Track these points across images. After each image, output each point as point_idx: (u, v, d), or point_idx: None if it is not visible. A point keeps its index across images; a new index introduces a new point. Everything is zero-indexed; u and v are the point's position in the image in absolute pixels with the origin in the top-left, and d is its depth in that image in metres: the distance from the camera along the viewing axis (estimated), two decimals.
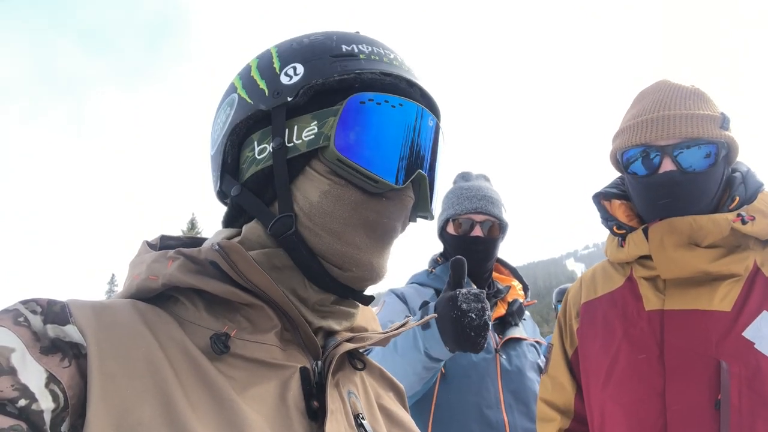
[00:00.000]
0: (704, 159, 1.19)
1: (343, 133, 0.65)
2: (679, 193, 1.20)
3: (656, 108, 1.24)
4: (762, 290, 1.14)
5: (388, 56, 0.73)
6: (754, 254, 1.18)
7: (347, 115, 0.66)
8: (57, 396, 0.49)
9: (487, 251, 1.96)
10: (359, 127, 0.66)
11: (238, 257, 0.61)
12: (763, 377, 1.06)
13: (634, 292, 1.31)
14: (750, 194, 1.21)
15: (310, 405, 0.62)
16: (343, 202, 0.66)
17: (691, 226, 1.18)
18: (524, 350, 1.90)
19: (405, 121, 0.69)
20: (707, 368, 1.11)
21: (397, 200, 0.69)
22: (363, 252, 0.68)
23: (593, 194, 1.44)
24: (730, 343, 1.11)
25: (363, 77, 0.69)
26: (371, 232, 0.68)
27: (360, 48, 0.72)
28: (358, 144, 0.65)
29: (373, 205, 0.67)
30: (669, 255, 1.19)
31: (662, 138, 1.20)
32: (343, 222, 0.66)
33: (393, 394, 0.83)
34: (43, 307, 0.54)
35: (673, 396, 1.13)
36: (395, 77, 0.71)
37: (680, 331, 1.17)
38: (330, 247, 0.67)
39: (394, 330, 0.77)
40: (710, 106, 1.23)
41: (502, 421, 1.73)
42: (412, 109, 0.70)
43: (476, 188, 2.01)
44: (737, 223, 1.15)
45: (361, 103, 0.66)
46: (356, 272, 0.68)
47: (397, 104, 0.68)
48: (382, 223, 0.68)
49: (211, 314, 0.64)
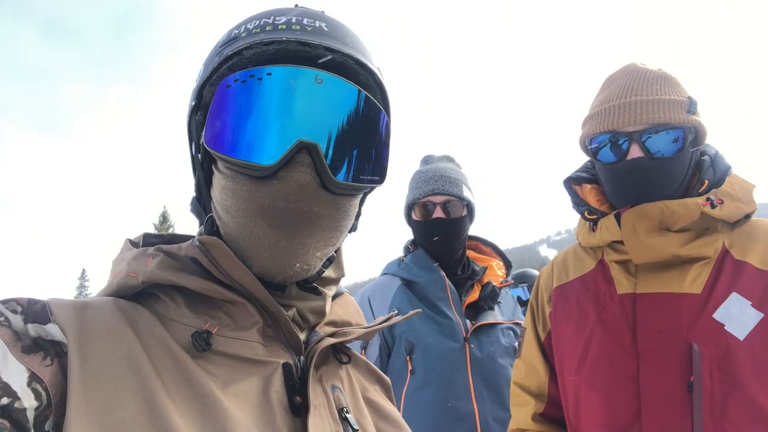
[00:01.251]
0: (672, 144, 1.19)
1: (211, 125, 0.62)
2: (647, 179, 1.20)
3: (623, 94, 1.23)
4: (730, 272, 1.15)
5: (275, 22, 0.65)
6: (722, 236, 1.20)
7: (215, 104, 0.62)
8: (39, 394, 0.49)
9: (452, 232, 1.92)
10: (224, 113, 0.62)
11: (219, 253, 0.61)
12: (733, 358, 1.08)
13: (606, 275, 1.31)
14: (718, 177, 1.22)
15: (293, 400, 0.61)
16: (238, 194, 0.63)
17: (663, 211, 1.18)
18: (497, 336, 1.87)
19: (274, 90, 0.61)
20: (679, 351, 1.12)
21: (288, 179, 0.61)
22: (265, 245, 0.63)
23: (564, 179, 1.44)
24: (701, 325, 1.12)
25: (245, 55, 0.63)
26: (270, 219, 0.62)
27: (246, 27, 0.66)
28: (223, 131, 0.61)
29: (266, 190, 0.61)
30: (641, 241, 1.19)
31: (629, 124, 1.19)
32: (242, 215, 0.63)
33: (379, 387, 0.83)
34: (24, 307, 0.54)
35: (647, 379, 1.14)
36: (279, 42, 0.63)
37: (652, 314, 1.18)
38: (237, 244, 0.65)
39: (378, 324, 0.77)
40: (677, 90, 1.23)
41: (472, 411, 1.71)
42: (284, 73, 0.61)
43: (434, 170, 1.97)
44: (707, 207, 1.16)
45: (227, 87, 0.62)
46: (259, 268, 0.64)
47: (264, 75, 0.61)
48: (279, 207, 0.61)
49: (192, 311, 0.63)
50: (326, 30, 0.66)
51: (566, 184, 1.42)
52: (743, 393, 1.06)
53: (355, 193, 0.69)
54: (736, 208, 1.18)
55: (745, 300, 1.11)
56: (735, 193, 1.19)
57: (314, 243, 0.65)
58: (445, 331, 1.81)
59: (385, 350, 1.84)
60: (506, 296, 2.06)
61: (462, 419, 1.70)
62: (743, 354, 1.07)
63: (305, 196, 0.62)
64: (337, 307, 0.82)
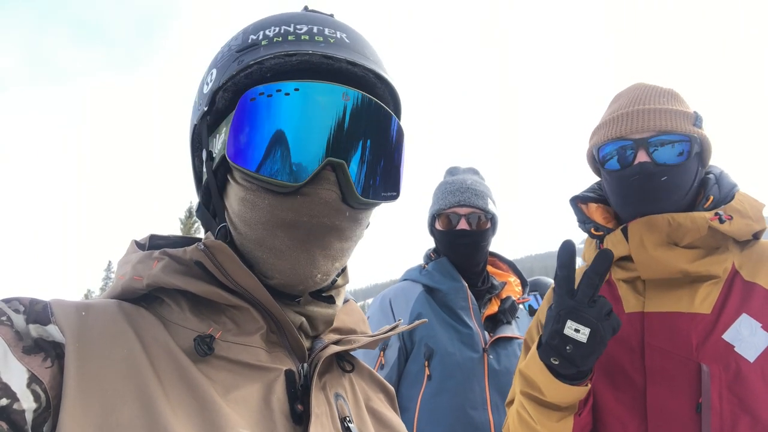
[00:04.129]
0: (677, 152, 1.20)
1: (234, 138, 0.61)
2: (653, 183, 1.20)
3: (631, 104, 1.25)
4: (740, 293, 1.14)
5: (297, 32, 0.64)
6: (732, 256, 1.18)
7: (238, 117, 0.61)
8: (39, 396, 0.49)
9: (475, 244, 1.93)
10: (249, 127, 0.61)
11: (224, 258, 0.60)
12: (743, 380, 1.06)
13: (614, 294, 1.30)
14: (724, 194, 1.21)
15: (294, 408, 0.60)
16: (258, 207, 0.63)
17: (669, 224, 1.17)
18: (514, 350, 1.87)
19: (302, 107, 0.60)
20: (688, 371, 1.10)
21: (314, 195, 0.61)
22: (285, 257, 0.63)
23: (570, 198, 1.43)
24: (710, 346, 1.10)
25: (266, 65, 0.62)
26: (292, 232, 0.62)
27: (266, 33, 0.65)
28: (248, 146, 0.60)
29: (289, 204, 0.61)
30: (649, 254, 1.18)
31: (637, 131, 1.20)
32: (262, 227, 0.63)
33: (383, 396, 0.82)
34: (26, 306, 0.54)
35: (654, 399, 1.13)
36: (303, 55, 0.62)
37: (661, 333, 1.16)
38: (254, 255, 0.65)
39: (383, 333, 0.77)
40: (684, 105, 1.25)
41: (488, 421, 1.72)
42: (312, 90, 0.61)
43: (460, 181, 1.98)
44: (715, 222, 1.15)
45: (252, 100, 0.61)
46: (279, 279, 0.64)
47: (291, 90, 0.60)
48: (302, 222, 0.62)
49: (196, 315, 0.63)
50: (347, 42, 0.65)
51: (572, 202, 1.42)
52: (753, 416, 1.04)
53: (374, 207, 0.70)
54: (745, 225, 1.16)
55: (755, 322, 1.09)
56: (744, 210, 1.18)
57: (333, 254, 0.65)
58: (465, 340, 1.81)
59: (404, 353, 1.86)
60: (523, 313, 2.07)
61: (477, 428, 1.70)
62: (753, 376, 1.06)
63: (329, 212, 0.62)
64: (343, 315, 0.81)
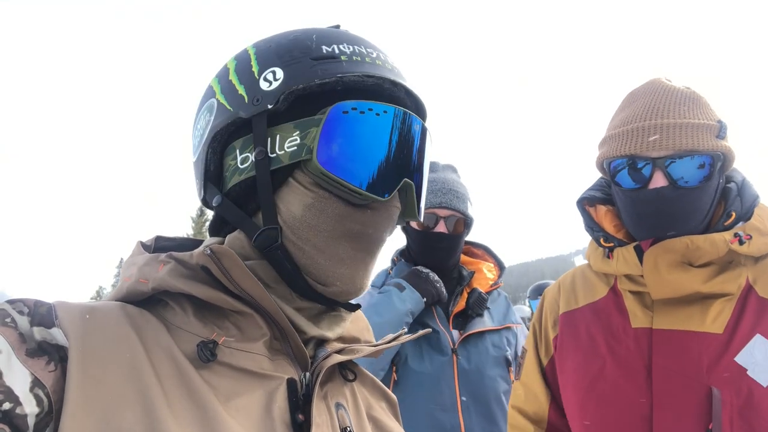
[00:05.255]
0: (698, 171, 1.09)
1: (326, 146, 0.63)
2: (669, 210, 1.11)
3: (647, 115, 1.13)
4: (755, 311, 1.09)
5: (370, 55, 0.70)
6: (746, 271, 1.12)
7: (330, 126, 0.64)
8: (41, 400, 0.49)
9: (451, 248, 1.87)
10: (342, 138, 0.64)
11: (230, 263, 0.61)
12: (755, 406, 1.01)
13: (619, 305, 1.23)
14: (746, 209, 1.14)
15: (295, 418, 0.61)
16: (326, 214, 0.65)
17: (687, 247, 1.10)
18: (486, 345, 1.81)
19: (390, 129, 0.67)
20: (698, 395, 1.05)
21: (383, 210, 0.68)
22: (347, 266, 0.67)
23: (577, 200, 1.34)
24: (722, 368, 1.05)
25: (345, 80, 0.66)
26: (356, 243, 0.67)
27: (341, 48, 0.68)
28: (342, 156, 0.64)
29: (358, 217, 0.66)
30: (663, 277, 1.11)
31: (653, 149, 1.10)
32: (327, 235, 0.65)
33: (385, 405, 0.82)
34: (30, 308, 0.54)
35: (662, 422, 1.08)
36: (378, 78, 0.68)
37: (669, 353, 1.11)
38: (313, 261, 0.66)
39: (386, 343, 0.77)
40: (706, 113, 1.12)
41: (458, 424, 1.67)
42: (398, 115, 0.67)
43: (442, 181, 1.88)
44: (735, 244, 1.08)
45: (344, 113, 0.64)
46: (340, 287, 0.67)
47: (381, 112, 0.66)
48: (367, 234, 0.67)
49: (200, 320, 0.63)
50: (397, 68, 0.72)
51: (579, 205, 1.33)
52: None
53: None
54: (764, 244, 1.11)
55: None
56: (764, 228, 1.12)
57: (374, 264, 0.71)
58: (432, 344, 1.76)
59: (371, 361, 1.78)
60: (498, 299, 1.99)
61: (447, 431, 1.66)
62: (766, 402, 1.01)
63: (389, 226, 0.69)
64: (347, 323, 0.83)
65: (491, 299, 1.94)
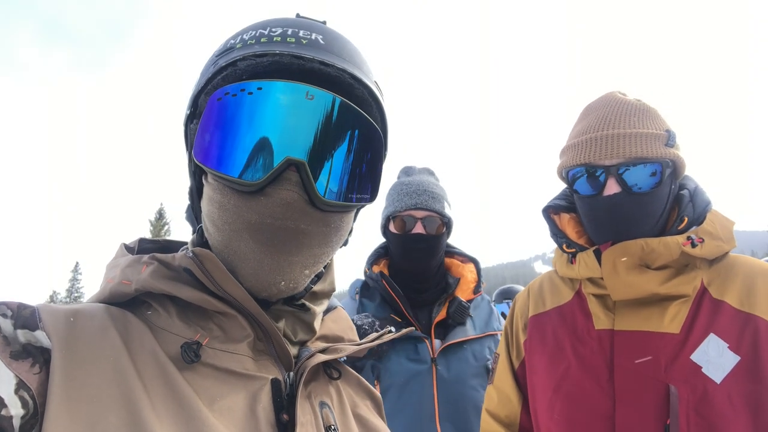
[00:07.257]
0: (650, 177, 1.17)
1: (200, 137, 0.62)
2: (624, 215, 1.18)
3: (600, 126, 1.21)
4: (708, 312, 1.14)
5: (271, 34, 0.64)
6: (701, 273, 1.18)
7: (205, 118, 0.62)
8: (27, 402, 0.48)
9: (430, 249, 1.86)
10: (213, 126, 0.61)
11: (212, 266, 0.61)
12: (710, 402, 1.06)
13: (584, 308, 1.28)
14: (698, 214, 1.20)
15: (279, 418, 0.61)
16: (224, 207, 0.62)
17: (643, 249, 1.16)
18: (466, 355, 1.80)
19: (264, 105, 0.60)
20: (657, 392, 1.10)
21: (275, 196, 0.60)
22: (248, 261, 0.62)
23: (542, 208, 1.40)
24: (678, 366, 1.10)
25: (239, 67, 0.62)
26: (257, 235, 0.61)
27: (243, 37, 0.65)
28: (211, 145, 0.61)
29: (253, 206, 0.61)
30: (621, 279, 1.16)
31: (606, 157, 1.17)
32: (229, 229, 0.62)
33: (370, 403, 0.82)
34: (14, 311, 0.53)
35: (623, 419, 1.12)
36: (272, 55, 0.61)
37: (630, 352, 1.16)
38: (223, 257, 0.64)
39: (369, 342, 0.77)
40: (656, 123, 1.21)
41: None
42: (274, 88, 0.60)
43: (417, 183, 1.90)
44: (687, 247, 1.14)
45: (218, 100, 0.61)
46: (243, 283, 0.63)
47: (254, 89, 0.60)
48: (266, 224, 0.61)
49: (184, 321, 0.63)
50: (322, 43, 0.64)
51: (545, 213, 1.39)
52: None
53: (346, 210, 0.67)
54: (716, 247, 1.17)
55: (722, 342, 1.10)
56: (715, 232, 1.18)
57: (302, 260, 0.64)
58: (411, 356, 1.76)
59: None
60: (481, 304, 1.98)
61: None
62: (720, 398, 1.06)
63: (292, 214, 0.61)
64: (330, 322, 0.81)
65: (474, 305, 1.94)
